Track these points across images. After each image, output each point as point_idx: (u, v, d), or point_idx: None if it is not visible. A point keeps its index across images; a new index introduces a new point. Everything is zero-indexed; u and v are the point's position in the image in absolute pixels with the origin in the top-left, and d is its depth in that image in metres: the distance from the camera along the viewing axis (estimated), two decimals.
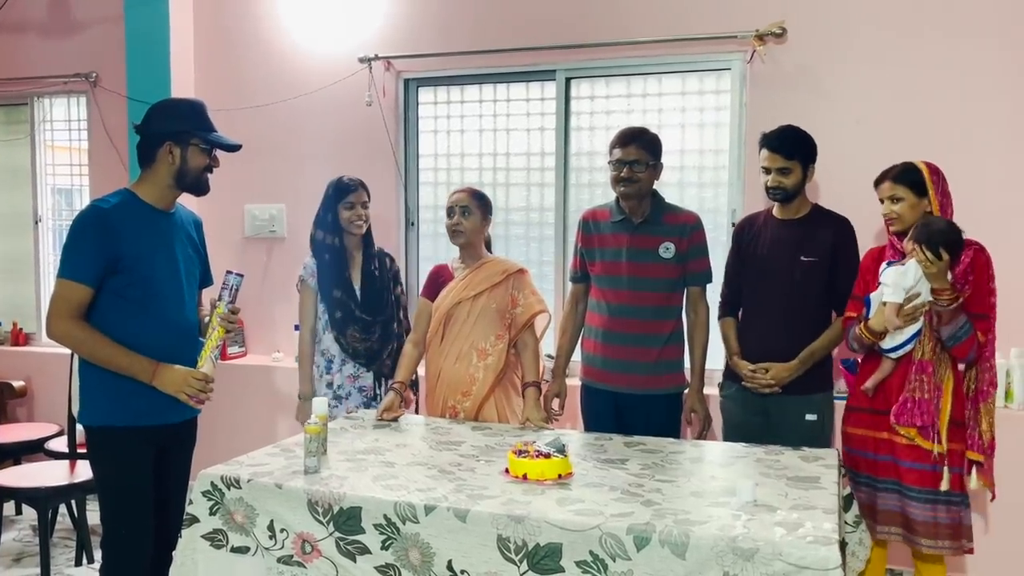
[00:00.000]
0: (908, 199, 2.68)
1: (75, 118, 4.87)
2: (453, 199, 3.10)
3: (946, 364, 2.63)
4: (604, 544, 1.95)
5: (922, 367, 2.62)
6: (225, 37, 4.49)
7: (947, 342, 2.59)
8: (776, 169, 2.90)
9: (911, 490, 2.64)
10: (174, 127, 2.44)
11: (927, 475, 2.62)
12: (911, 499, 2.64)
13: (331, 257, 3.28)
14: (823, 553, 1.82)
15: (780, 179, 2.91)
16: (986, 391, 2.69)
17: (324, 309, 3.31)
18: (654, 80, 3.86)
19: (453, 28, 4.06)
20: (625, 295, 3.02)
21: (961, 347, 2.59)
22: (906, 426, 2.62)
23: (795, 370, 2.89)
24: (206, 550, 2.31)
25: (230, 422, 4.24)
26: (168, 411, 2.46)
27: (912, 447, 2.64)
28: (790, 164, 2.89)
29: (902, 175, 2.71)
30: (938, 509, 2.62)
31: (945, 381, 2.63)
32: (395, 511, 2.13)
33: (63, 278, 2.34)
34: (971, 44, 3.33)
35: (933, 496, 2.62)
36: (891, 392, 2.70)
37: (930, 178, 2.68)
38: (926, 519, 2.62)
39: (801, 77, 3.53)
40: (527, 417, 2.96)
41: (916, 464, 2.63)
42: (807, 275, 2.91)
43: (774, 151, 2.91)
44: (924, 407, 2.60)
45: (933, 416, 2.59)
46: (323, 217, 3.30)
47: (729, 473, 2.41)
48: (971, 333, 2.57)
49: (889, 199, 2.72)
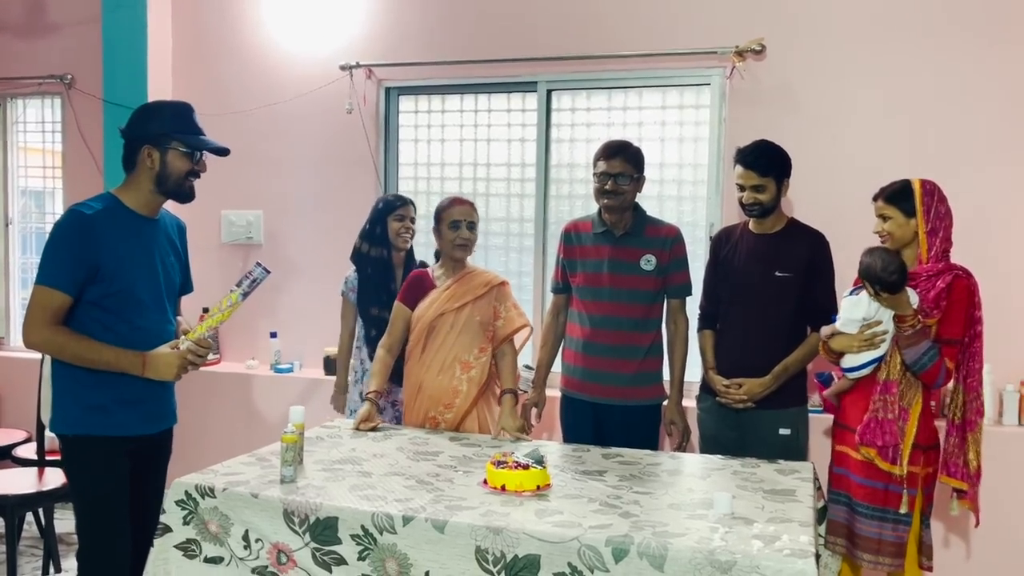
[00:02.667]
0: (896, 218, 2.68)
1: (49, 120, 4.80)
2: (458, 212, 3.01)
3: (916, 387, 2.64)
4: (582, 556, 1.95)
5: (887, 387, 2.64)
6: (204, 41, 4.45)
7: (911, 367, 2.60)
8: (751, 186, 2.92)
9: (860, 506, 2.66)
10: (153, 130, 2.39)
11: (877, 493, 2.63)
12: (859, 514, 2.66)
13: (374, 271, 3.35)
14: (800, 566, 1.84)
15: (755, 195, 2.92)
16: (973, 420, 2.69)
17: (361, 324, 3.40)
18: (635, 94, 3.89)
19: (435, 37, 4.06)
20: (606, 306, 3.03)
21: (927, 373, 2.59)
22: (867, 446, 2.63)
23: (768, 386, 2.92)
24: (179, 560, 2.28)
25: (203, 430, 4.19)
26: (145, 422, 2.43)
27: (865, 463, 2.65)
28: (764, 181, 2.91)
29: (892, 196, 2.70)
30: (884, 527, 2.63)
31: (913, 404, 2.63)
32: (372, 522, 2.11)
33: (41, 284, 2.27)
34: (948, 61, 3.40)
35: (880, 513, 2.63)
36: (850, 408, 2.73)
37: (921, 199, 2.66)
38: (870, 535, 2.64)
39: (780, 93, 3.58)
40: (502, 426, 2.95)
41: (866, 480, 2.65)
42: (781, 291, 2.93)
43: (748, 167, 2.92)
44: (887, 427, 2.61)
45: (896, 437, 2.60)
46: (370, 231, 3.38)
47: (706, 485, 2.42)
48: (936, 359, 2.57)
49: (880, 217, 2.73)
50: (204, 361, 2.43)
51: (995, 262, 3.20)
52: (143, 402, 2.41)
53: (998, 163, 3.36)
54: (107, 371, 2.32)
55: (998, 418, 3.32)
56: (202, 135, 2.45)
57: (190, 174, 2.42)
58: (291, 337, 4.38)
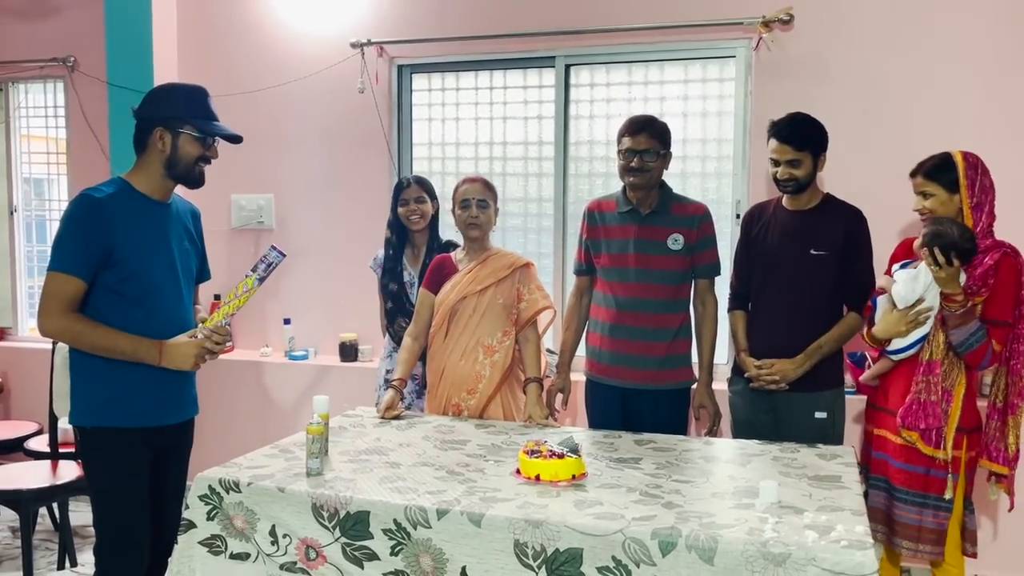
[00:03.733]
0: (939, 195, 2.58)
1: (52, 104, 4.69)
2: (466, 190, 2.97)
3: (959, 368, 2.54)
4: (627, 549, 1.86)
5: (930, 368, 2.54)
6: (210, 20, 4.33)
7: (957, 348, 2.50)
8: (786, 161, 2.80)
9: (899, 491, 2.58)
10: (166, 112, 2.31)
11: (917, 478, 2.56)
12: (898, 500, 2.58)
13: (392, 252, 3.42)
14: (859, 558, 1.75)
15: (790, 171, 2.81)
16: (1015, 404, 2.60)
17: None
18: (656, 68, 3.77)
19: (448, 12, 3.94)
20: (633, 288, 2.93)
21: (973, 354, 2.50)
22: (910, 430, 2.54)
23: (802, 364, 2.81)
24: (203, 556, 2.20)
25: (218, 419, 4.10)
26: (166, 412, 2.35)
27: (905, 447, 2.57)
28: (800, 155, 2.79)
29: (933, 171, 2.59)
30: (924, 513, 2.55)
31: (957, 386, 2.54)
32: (405, 515, 2.03)
33: (54, 271, 2.19)
34: (984, 28, 3.27)
35: (921, 499, 2.55)
36: (891, 389, 2.64)
37: (965, 172, 2.56)
38: (910, 521, 2.56)
39: (808, 65, 3.46)
40: (529, 414, 2.88)
41: (907, 465, 2.57)
42: (817, 269, 2.83)
43: (783, 141, 2.80)
44: (930, 409, 2.52)
45: (939, 420, 2.51)
46: (391, 214, 3.44)
47: (747, 472, 2.33)
48: (984, 340, 2.48)
49: (920, 195, 2.62)
50: (222, 349, 2.37)
51: None
52: (164, 391, 2.34)
53: None
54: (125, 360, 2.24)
55: None
56: (216, 120, 2.37)
57: (201, 159, 2.35)
58: (305, 323, 4.29)
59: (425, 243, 3.39)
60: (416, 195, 3.33)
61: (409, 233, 3.38)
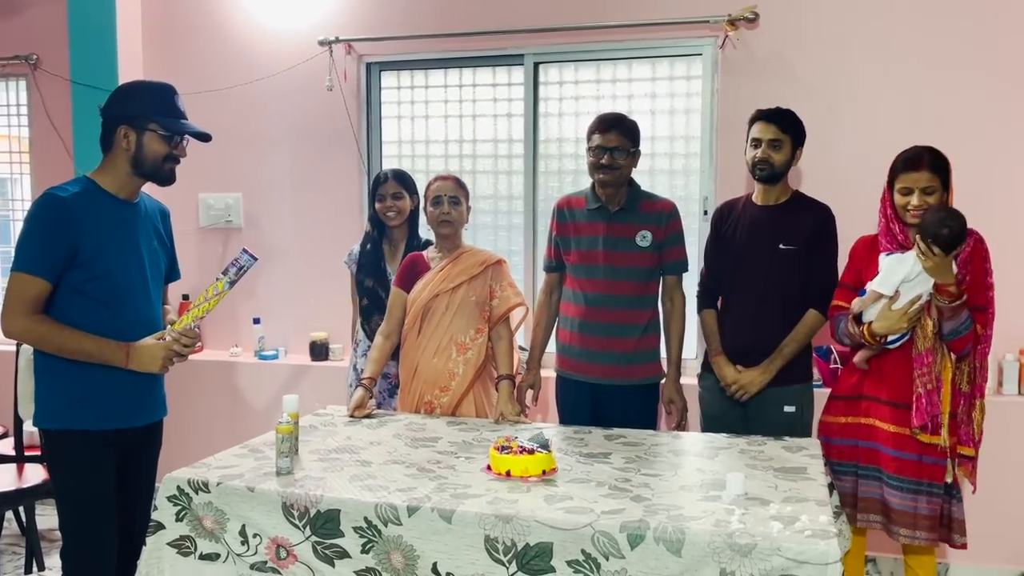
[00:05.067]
0: (939, 189, 2.55)
1: (14, 103, 4.61)
2: (438, 187, 2.98)
3: (943, 354, 2.57)
4: (597, 543, 1.89)
5: (921, 360, 2.56)
6: (176, 16, 4.29)
7: (946, 336, 2.52)
8: (768, 140, 2.82)
9: (892, 479, 2.61)
10: (131, 110, 2.28)
11: (910, 465, 2.58)
12: (892, 488, 2.61)
13: (370, 247, 3.38)
14: (822, 547, 1.78)
15: (770, 152, 2.82)
16: (981, 387, 2.64)
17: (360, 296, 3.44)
18: (624, 65, 3.80)
19: (417, 10, 3.93)
20: (602, 284, 2.95)
21: (959, 341, 2.52)
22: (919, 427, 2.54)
23: (766, 371, 2.84)
24: (173, 558, 2.18)
25: (188, 420, 4.07)
26: (133, 414, 2.33)
27: (897, 435, 2.60)
28: (783, 137, 2.82)
29: (937, 165, 2.55)
30: (919, 500, 2.58)
31: (944, 372, 2.56)
32: (376, 513, 2.03)
33: (18, 271, 2.16)
34: (946, 28, 3.34)
35: (914, 486, 2.58)
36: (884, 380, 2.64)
37: (947, 166, 2.56)
38: (905, 508, 2.58)
39: (773, 63, 3.51)
40: (501, 411, 2.88)
41: (898, 452, 2.59)
42: (786, 264, 2.85)
43: (769, 121, 2.83)
44: (930, 399, 2.54)
45: (937, 407, 2.54)
46: (369, 209, 3.44)
47: (715, 465, 2.36)
48: (971, 327, 2.51)
49: (922, 191, 2.54)
50: (191, 352, 2.34)
51: (994, 232, 3.15)
52: (131, 393, 2.31)
53: (997, 134, 3.31)
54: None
55: (998, 387, 3.30)
56: (184, 119, 2.34)
57: (168, 158, 2.32)
58: (275, 323, 4.27)
59: (404, 239, 3.36)
60: (393, 190, 3.29)
61: (387, 229, 3.36)
